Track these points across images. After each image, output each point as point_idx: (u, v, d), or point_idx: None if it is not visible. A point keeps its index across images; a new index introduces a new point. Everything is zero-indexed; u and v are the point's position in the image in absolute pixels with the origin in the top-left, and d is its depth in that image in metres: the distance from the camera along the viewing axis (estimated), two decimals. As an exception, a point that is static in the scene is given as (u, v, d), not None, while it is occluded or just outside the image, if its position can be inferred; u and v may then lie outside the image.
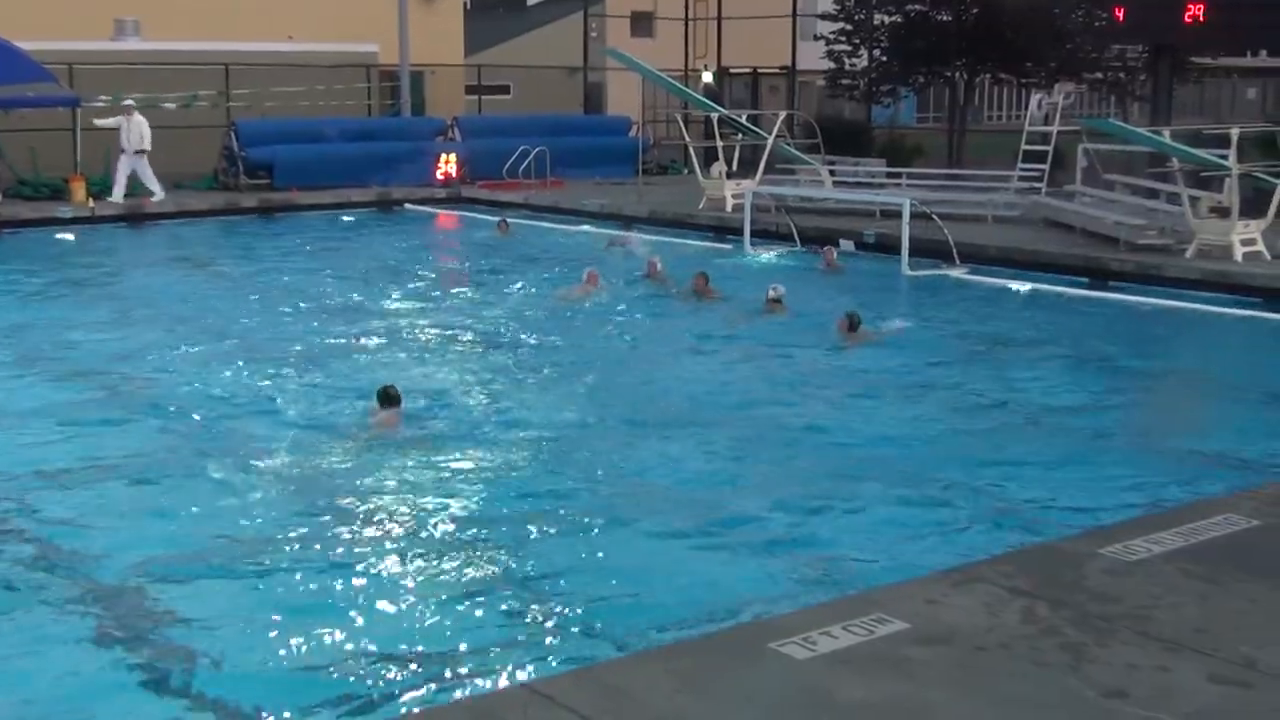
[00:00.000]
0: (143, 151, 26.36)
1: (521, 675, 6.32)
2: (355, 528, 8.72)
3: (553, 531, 8.68)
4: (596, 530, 8.71)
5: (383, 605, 7.47)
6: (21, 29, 26.94)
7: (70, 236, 24.18)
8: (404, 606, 7.46)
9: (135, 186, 27.35)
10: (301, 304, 17.25)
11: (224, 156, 29.36)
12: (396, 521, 8.83)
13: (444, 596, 7.60)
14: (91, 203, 26.04)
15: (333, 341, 14.78)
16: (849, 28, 33.66)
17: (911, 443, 10.95)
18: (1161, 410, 12.78)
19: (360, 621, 7.22)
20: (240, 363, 13.65)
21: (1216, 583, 5.94)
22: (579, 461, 10.32)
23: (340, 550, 8.29)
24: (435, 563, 8.16)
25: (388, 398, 11.02)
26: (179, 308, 16.93)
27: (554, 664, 6.55)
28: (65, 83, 27.87)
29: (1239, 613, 5.65)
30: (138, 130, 26.36)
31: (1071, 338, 15.56)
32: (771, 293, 16.19)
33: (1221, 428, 11.57)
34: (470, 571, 8.05)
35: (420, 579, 7.89)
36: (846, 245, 21.31)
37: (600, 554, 8.31)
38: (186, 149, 28.91)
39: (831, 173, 26.77)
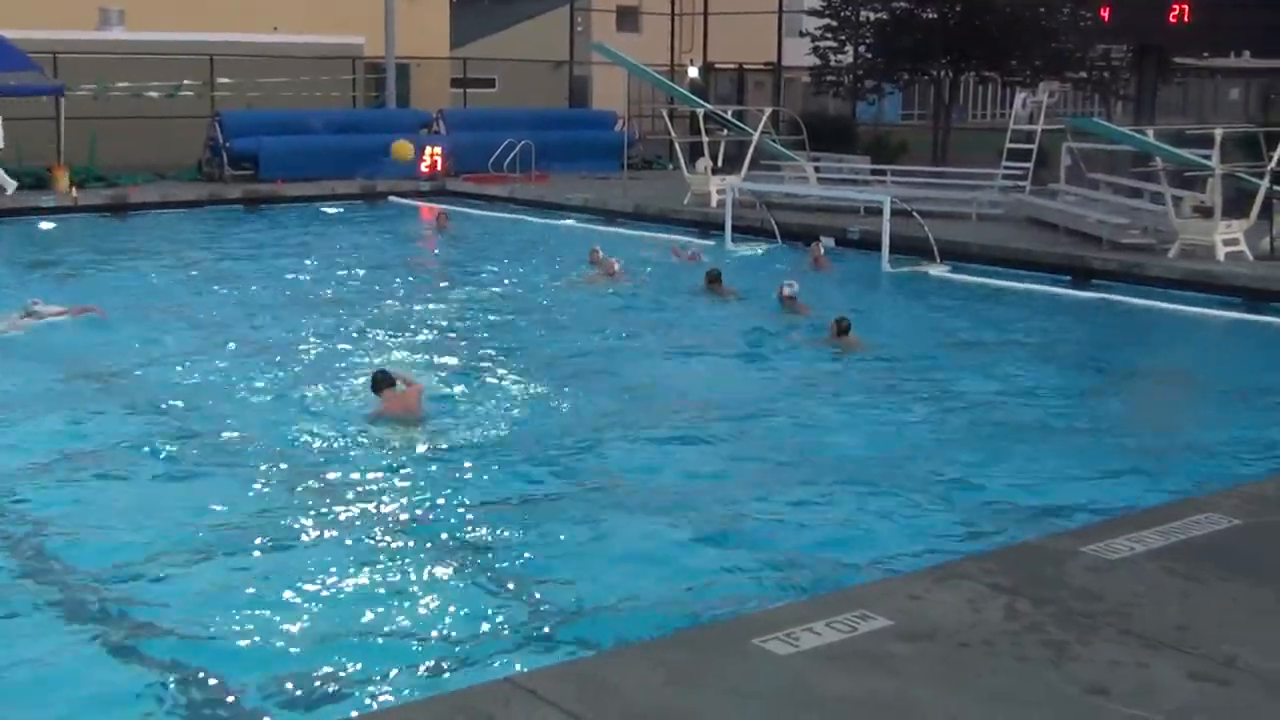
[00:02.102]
0: None
1: (504, 669, 6.32)
2: (339, 521, 8.71)
3: (537, 526, 8.68)
4: (581, 525, 8.71)
5: (366, 598, 7.46)
6: (6, 18, 26.88)
7: (52, 225, 24.15)
8: (387, 599, 7.45)
9: (120, 178, 27.30)
10: (281, 295, 17.23)
11: (208, 147, 29.28)
12: (380, 514, 8.82)
13: (427, 590, 7.60)
14: (74, 192, 25.96)
15: (312, 333, 14.74)
16: (835, 24, 33.69)
17: (892, 440, 10.98)
18: (1143, 409, 12.82)
19: (344, 614, 7.21)
20: (221, 354, 13.64)
21: (1198, 581, 5.97)
22: (565, 456, 10.32)
23: (324, 543, 8.29)
24: (418, 556, 8.16)
25: (384, 380, 10.95)
26: (158, 298, 16.87)
27: (537, 658, 6.55)
28: (50, 72, 27.79)
29: (1220, 611, 5.68)
30: None
31: (1052, 336, 15.61)
32: (786, 289, 16.09)
33: (1203, 427, 11.62)
34: (453, 565, 8.05)
35: (404, 572, 7.89)
36: (827, 242, 21.36)
37: (584, 549, 8.31)
38: (171, 139, 28.87)
39: (816, 169, 26.79)
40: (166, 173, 28.85)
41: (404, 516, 8.81)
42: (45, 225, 24.18)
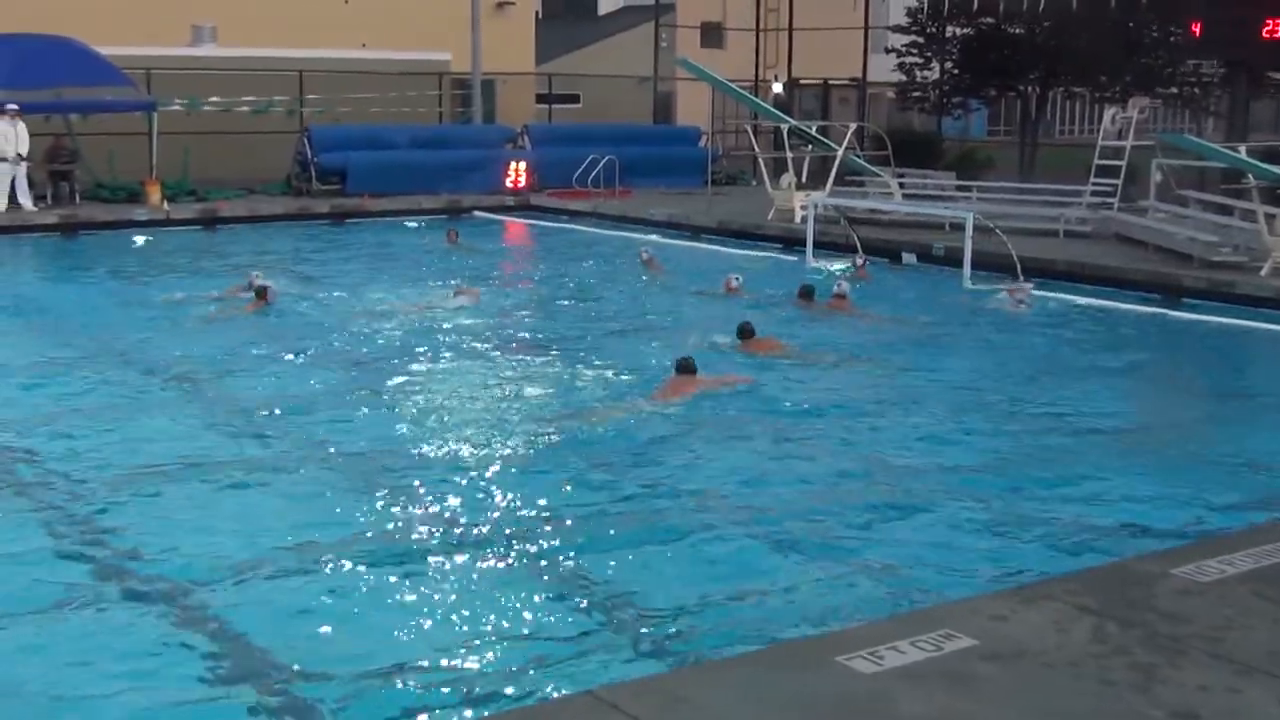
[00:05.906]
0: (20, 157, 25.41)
1: (588, 682, 6.34)
2: (421, 531, 8.79)
3: (620, 539, 8.70)
4: (665, 539, 8.72)
5: (449, 610, 7.52)
6: (101, 35, 27.48)
7: (145, 239, 24.68)
8: (470, 612, 7.50)
9: (210, 192, 27.77)
10: (376, 307, 17.37)
11: (297, 162, 29.70)
12: (463, 526, 8.88)
13: (509, 602, 7.63)
14: (166, 205, 26.45)
15: (399, 346, 14.89)
16: (920, 40, 33.51)
17: (978, 457, 10.88)
18: (1233, 430, 12.61)
19: (425, 626, 7.27)
20: (309, 366, 13.81)
21: (1289, 605, 5.88)
22: (648, 469, 10.33)
23: (405, 554, 8.35)
24: (501, 569, 8.21)
25: (688, 367, 12.40)
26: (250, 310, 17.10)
27: (619, 672, 6.56)
28: (143, 87, 28.34)
29: (1312, 636, 5.59)
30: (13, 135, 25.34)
31: (1140, 355, 15.41)
32: (836, 289, 16.97)
33: (1295, 448, 11.43)
34: (536, 578, 8.08)
35: (486, 585, 7.94)
36: (909, 258, 21.31)
37: (668, 563, 8.32)
38: (261, 154, 29.35)
39: (901, 185, 26.67)
40: (256, 187, 29.32)
41: (486, 529, 8.86)
42: (138, 238, 24.72)
